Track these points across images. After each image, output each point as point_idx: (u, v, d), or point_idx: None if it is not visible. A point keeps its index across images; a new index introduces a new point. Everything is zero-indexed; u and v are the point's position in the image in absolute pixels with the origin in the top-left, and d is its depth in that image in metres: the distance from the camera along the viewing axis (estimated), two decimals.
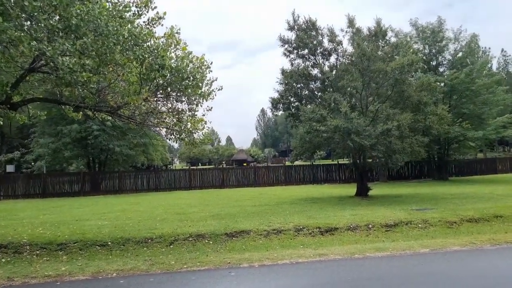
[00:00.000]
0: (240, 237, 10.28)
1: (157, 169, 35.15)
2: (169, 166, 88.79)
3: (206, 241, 10.02)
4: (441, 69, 30.70)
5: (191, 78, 9.07)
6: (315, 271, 6.69)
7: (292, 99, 19.16)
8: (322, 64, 18.55)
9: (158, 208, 16.30)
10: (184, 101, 10.04)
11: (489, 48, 76.07)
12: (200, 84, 9.19)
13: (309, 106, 17.20)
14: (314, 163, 39.47)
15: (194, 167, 57.02)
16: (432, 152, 30.95)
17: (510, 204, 13.73)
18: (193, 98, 9.82)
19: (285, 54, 18.61)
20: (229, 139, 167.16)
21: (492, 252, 7.60)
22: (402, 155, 16.02)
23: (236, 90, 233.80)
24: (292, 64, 18.63)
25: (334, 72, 18.65)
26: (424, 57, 30.13)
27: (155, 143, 52.24)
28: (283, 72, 18.55)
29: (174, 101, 10.11)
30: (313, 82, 18.79)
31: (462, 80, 27.43)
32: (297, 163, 37.80)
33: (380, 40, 17.66)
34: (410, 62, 15.72)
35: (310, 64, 18.96)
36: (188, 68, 9.08)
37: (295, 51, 18.46)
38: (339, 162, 32.17)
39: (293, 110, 19.19)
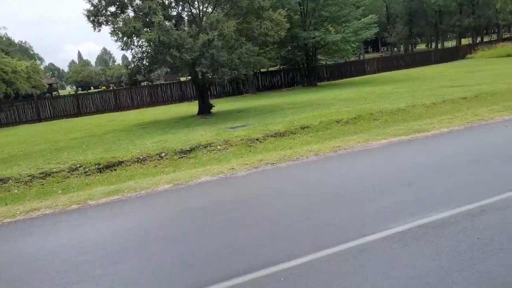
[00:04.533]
0: None
1: None
2: (54, 93, 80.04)
3: None
4: None
5: None
6: None
7: (117, 11, 16.31)
8: None
9: None
10: None
11: None
12: None
13: (123, 17, 14.74)
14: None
15: (82, 92, 51.45)
16: (301, 59, 30.61)
17: (330, 112, 13.42)
18: None
19: None
20: (125, 58, 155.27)
21: (232, 181, 6.68)
22: (232, 67, 14.77)
23: None
24: None
25: None
26: None
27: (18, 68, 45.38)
28: None
29: None
30: None
31: None
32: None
33: None
34: None
35: None
36: None
37: None
38: None
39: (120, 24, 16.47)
